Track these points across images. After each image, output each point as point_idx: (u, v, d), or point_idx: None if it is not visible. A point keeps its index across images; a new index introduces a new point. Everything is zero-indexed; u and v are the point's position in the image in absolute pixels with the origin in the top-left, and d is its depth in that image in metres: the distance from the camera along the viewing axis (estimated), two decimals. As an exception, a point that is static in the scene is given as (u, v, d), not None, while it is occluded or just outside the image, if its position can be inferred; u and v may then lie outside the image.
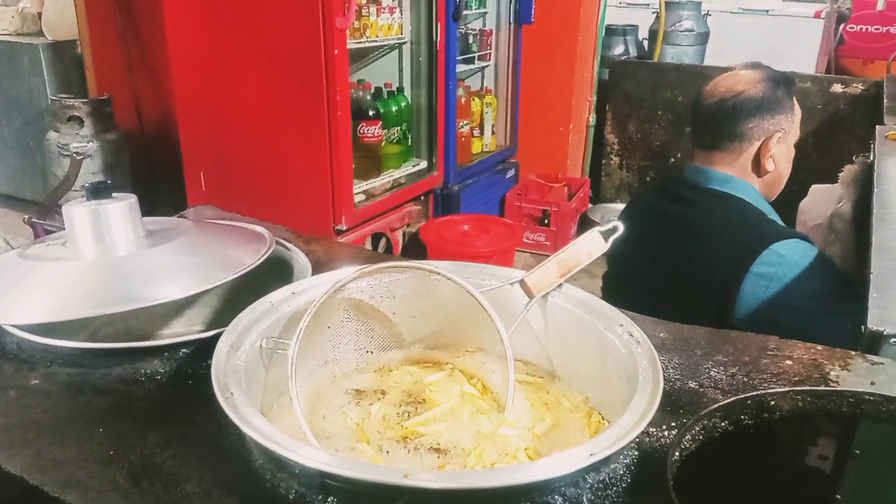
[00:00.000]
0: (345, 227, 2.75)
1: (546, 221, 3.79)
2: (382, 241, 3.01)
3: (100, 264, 1.01)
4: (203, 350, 0.93)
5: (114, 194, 1.08)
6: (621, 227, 1.00)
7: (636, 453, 0.76)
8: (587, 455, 0.66)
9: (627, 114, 4.28)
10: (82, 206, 1.04)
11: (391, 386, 0.98)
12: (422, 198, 3.31)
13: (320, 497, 0.68)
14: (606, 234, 1.00)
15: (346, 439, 0.86)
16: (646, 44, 4.91)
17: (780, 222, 1.55)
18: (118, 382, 0.89)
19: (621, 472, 0.74)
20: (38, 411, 0.84)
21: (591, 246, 0.99)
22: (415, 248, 3.09)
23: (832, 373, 0.92)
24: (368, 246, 2.91)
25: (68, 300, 0.94)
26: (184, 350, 0.95)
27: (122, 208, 1.05)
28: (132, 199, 1.08)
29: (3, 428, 0.81)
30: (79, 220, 1.04)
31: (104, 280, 0.98)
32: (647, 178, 4.32)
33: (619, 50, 4.71)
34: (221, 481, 0.72)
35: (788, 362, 0.94)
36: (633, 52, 4.76)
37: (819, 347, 0.98)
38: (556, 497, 0.69)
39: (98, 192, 1.06)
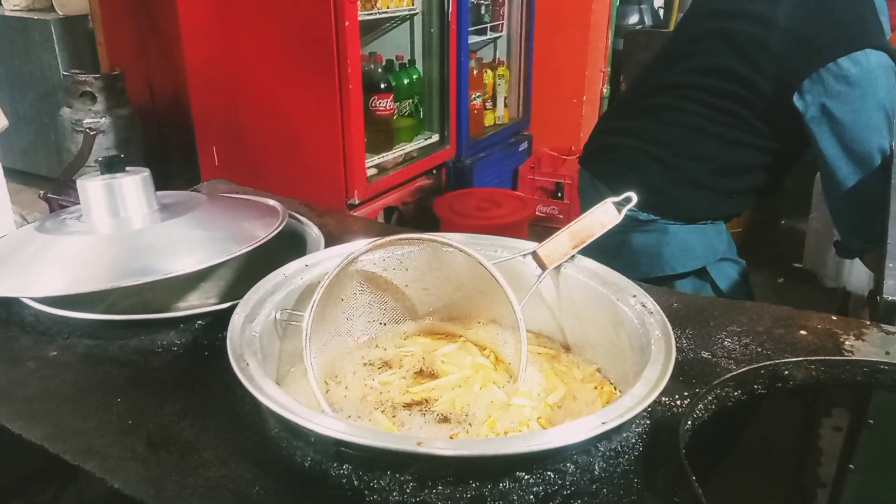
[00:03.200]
0: (357, 201, 2.75)
1: (559, 194, 3.77)
2: (395, 215, 3.01)
3: (115, 237, 1.02)
4: (218, 322, 0.94)
5: (127, 168, 1.08)
6: (635, 199, 0.99)
7: (648, 422, 0.77)
8: (599, 423, 0.67)
9: (641, 85, 4.22)
10: (97, 180, 1.05)
11: (404, 357, 0.98)
12: (434, 171, 3.30)
13: (335, 464, 0.69)
14: (620, 205, 0.99)
15: (359, 409, 0.87)
16: (661, 12, 4.82)
17: None
18: (135, 354, 0.91)
19: (633, 440, 0.74)
20: (57, 382, 0.85)
21: (605, 217, 0.99)
22: (427, 222, 3.09)
23: (847, 342, 0.92)
24: (381, 220, 2.91)
25: (85, 273, 0.95)
26: (199, 322, 0.96)
27: (136, 182, 1.06)
28: (146, 172, 1.09)
29: (24, 398, 0.82)
30: (93, 194, 1.05)
31: (120, 253, 0.99)
32: (662, 150, 4.26)
33: (633, 19, 4.63)
34: (238, 449, 0.73)
35: (802, 332, 0.94)
36: (648, 22, 4.68)
37: (834, 317, 0.98)
38: (569, 465, 0.70)
39: (112, 165, 1.07)
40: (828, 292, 2.90)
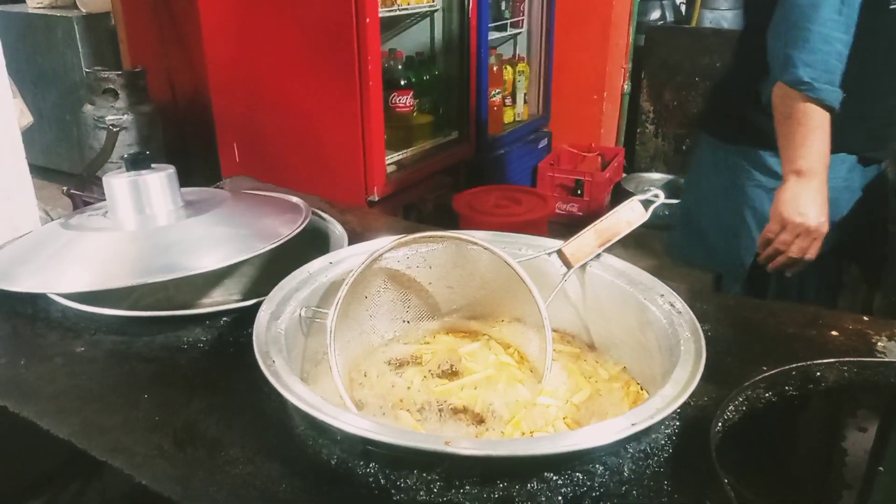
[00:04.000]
0: (377, 199, 2.75)
1: (579, 191, 3.75)
2: (414, 212, 3.01)
3: (141, 234, 1.03)
4: (243, 318, 0.94)
5: (152, 165, 1.09)
6: (662, 196, 0.98)
7: (678, 423, 0.76)
8: (629, 425, 0.66)
9: (663, 81, 4.18)
10: (122, 177, 1.05)
11: (427, 355, 0.98)
12: (453, 168, 3.29)
13: (362, 463, 0.69)
14: (646, 203, 0.98)
15: (383, 407, 0.87)
16: (683, 8, 4.77)
17: None
18: (161, 350, 0.91)
19: (662, 441, 0.73)
20: (83, 378, 0.86)
21: (631, 215, 0.98)
22: (446, 219, 3.08)
23: (879, 343, 0.90)
24: (400, 217, 2.91)
25: (111, 269, 0.95)
26: (224, 318, 0.96)
27: (161, 179, 1.06)
28: (171, 169, 1.09)
29: (51, 395, 0.83)
30: (119, 191, 1.05)
31: (145, 249, 0.99)
32: (683, 147, 4.23)
33: (655, 15, 4.59)
34: (264, 447, 0.73)
35: (834, 333, 0.92)
36: (669, 18, 4.63)
37: (865, 318, 0.96)
38: (597, 466, 0.69)
39: (137, 162, 1.07)
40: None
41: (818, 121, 1.29)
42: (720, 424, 0.72)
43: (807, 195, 1.31)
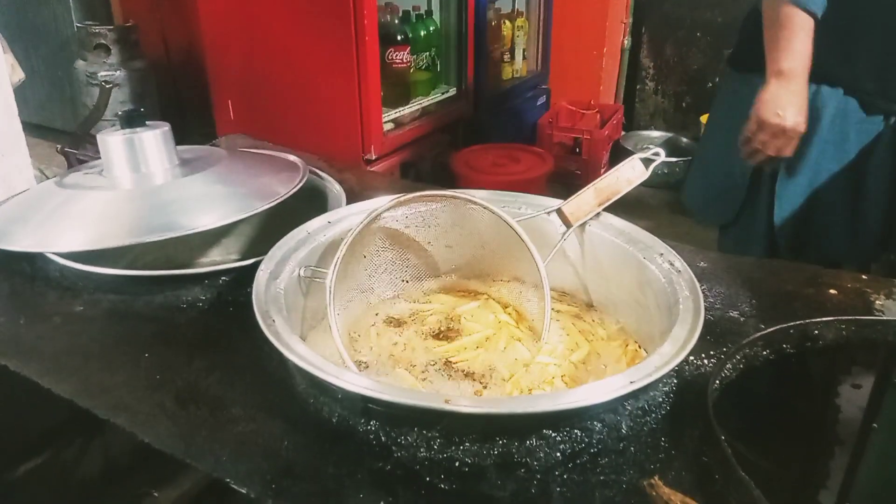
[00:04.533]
0: (374, 157, 2.73)
1: (578, 150, 3.72)
2: (412, 171, 2.99)
3: (137, 193, 1.02)
4: (242, 278, 0.94)
5: (147, 123, 1.07)
6: (662, 154, 0.97)
7: (675, 381, 0.76)
8: (627, 382, 0.66)
9: (664, 36, 4.12)
10: (117, 135, 1.04)
11: (427, 314, 0.98)
12: (451, 126, 3.26)
13: (362, 420, 0.70)
14: (647, 162, 0.97)
15: (382, 366, 0.88)
16: (685, -39, 4.68)
17: None
18: (161, 309, 0.91)
19: (660, 399, 0.74)
20: (84, 338, 0.86)
21: (632, 173, 0.97)
22: (444, 178, 3.06)
23: (877, 302, 0.90)
24: (397, 176, 2.89)
25: (109, 229, 0.95)
26: (223, 278, 0.96)
27: (156, 136, 1.05)
28: (166, 127, 1.08)
29: (52, 354, 0.83)
30: (114, 149, 1.04)
31: (143, 209, 0.98)
32: (683, 105, 4.19)
33: (656, -32, 4.50)
34: (266, 405, 0.74)
35: (832, 291, 0.93)
36: (670, -29, 4.55)
37: (864, 277, 0.96)
38: (596, 423, 0.70)
39: (132, 120, 1.06)
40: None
41: (799, 24, 1.36)
42: (717, 382, 0.73)
43: (786, 97, 1.38)
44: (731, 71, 1.71)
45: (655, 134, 4.22)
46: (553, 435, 0.68)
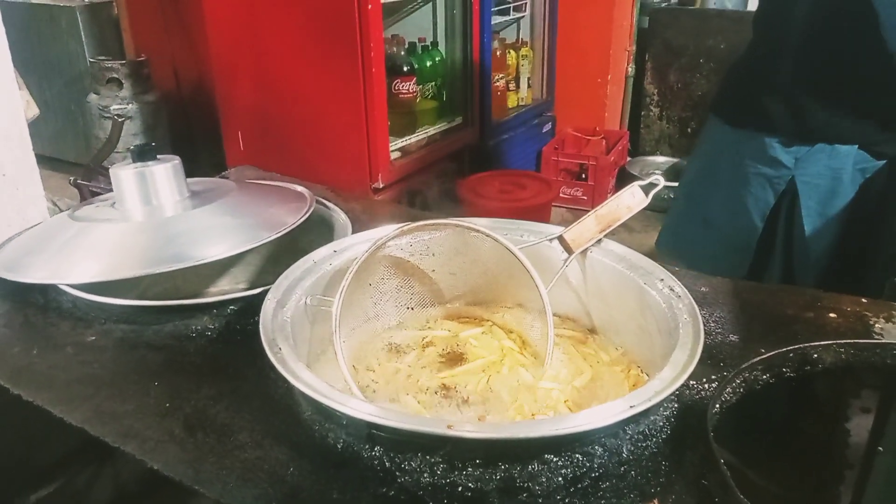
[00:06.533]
0: (381, 185, 2.76)
1: (583, 176, 3.75)
2: (419, 199, 3.02)
3: (148, 225, 1.04)
4: (249, 307, 0.96)
5: (158, 156, 1.10)
6: (662, 182, 0.99)
7: (676, 405, 0.77)
8: (627, 407, 0.67)
9: (668, 63, 4.17)
10: (129, 169, 1.07)
11: (431, 341, 0.99)
12: (458, 154, 3.30)
13: (367, 447, 0.71)
14: (647, 189, 0.99)
15: (388, 392, 0.89)
16: (687, -11, 4.74)
17: None
18: (170, 338, 0.93)
19: (661, 423, 0.75)
20: (95, 366, 0.88)
21: (632, 200, 0.99)
22: (451, 205, 3.09)
23: (877, 325, 0.91)
24: (405, 203, 2.92)
25: (120, 260, 0.97)
26: (231, 307, 0.98)
27: (167, 170, 1.08)
28: (176, 160, 1.10)
29: (64, 383, 0.85)
30: (126, 182, 1.07)
31: (153, 240, 1.01)
32: (689, 130, 4.22)
33: (659, -4, 4.57)
34: (272, 432, 0.75)
35: (832, 315, 0.94)
36: (673, -1, 4.61)
37: (864, 300, 0.97)
38: (597, 448, 0.71)
39: (143, 154, 1.09)
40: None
41: None
42: (718, 406, 0.73)
43: None
44: (721, 123, 1.65)
45: (661, 159, 4.25)
46: (555, 459, 0.69)
